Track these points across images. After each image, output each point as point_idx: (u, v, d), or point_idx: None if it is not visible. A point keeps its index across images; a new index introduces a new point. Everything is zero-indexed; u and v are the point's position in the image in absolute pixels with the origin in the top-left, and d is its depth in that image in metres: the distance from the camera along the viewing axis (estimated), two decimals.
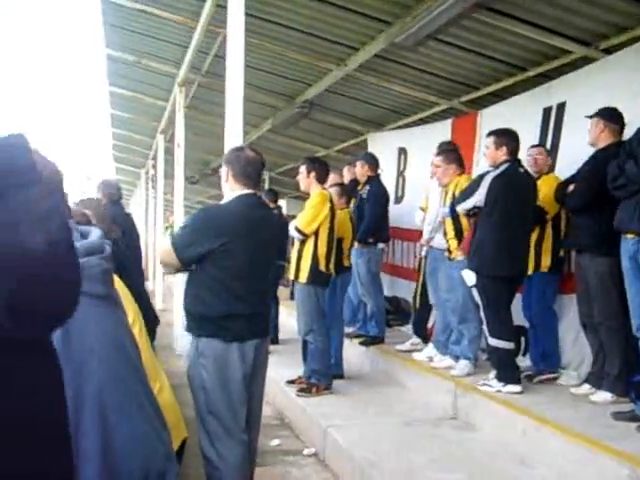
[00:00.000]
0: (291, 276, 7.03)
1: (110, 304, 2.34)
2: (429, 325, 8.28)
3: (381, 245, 8.53)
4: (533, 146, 6.98)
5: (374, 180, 8.51)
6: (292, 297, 12.73)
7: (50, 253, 1.02)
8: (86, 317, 2.12)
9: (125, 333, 2.40)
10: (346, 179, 9.25)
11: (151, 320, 5.14)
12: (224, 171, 4.26)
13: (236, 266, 4.04)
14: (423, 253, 7.88)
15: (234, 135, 5.62)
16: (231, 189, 4.22)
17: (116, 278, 2.67)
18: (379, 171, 8.69)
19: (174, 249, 4.06)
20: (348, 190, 8.53)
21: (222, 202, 4.31)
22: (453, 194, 6.80)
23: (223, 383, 4.04)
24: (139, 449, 2.18)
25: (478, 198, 6.09)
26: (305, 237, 6.80)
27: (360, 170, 8.56)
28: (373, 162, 8.62)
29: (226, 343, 4.04)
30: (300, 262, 6.87)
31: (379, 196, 8.47)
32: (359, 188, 8.65)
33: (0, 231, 0.96)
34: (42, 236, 1.01)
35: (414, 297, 8.37)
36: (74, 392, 1.87)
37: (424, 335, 8.18)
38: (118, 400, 2.19)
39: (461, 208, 6.32)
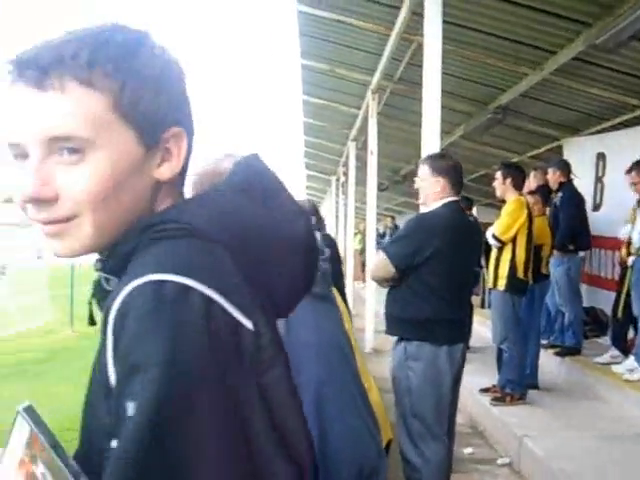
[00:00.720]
0: (489, 284, 6.98)
1: (328, 303, 2.43)
2: (629, 337, 7.96)
3: (581, 253, 8.30)
4: None
5: (567, 186, 8.28)
6: (483, 305, 12.66)
7: (311, 241, 1.19)
8: (306, 315, 2.23)
9: (341, 332, 2.49)
10: (532, 185, 9.04)
11: None
12: (433, 180, 4.28)
13: (446, 272, 4.10)
14: (629, 262, 7.57)
15: (431, 142, 5.63)
16: (440, 197, 4.27)
17: None
18: (572, 176, 8.45)
19: (391, 261, 4.14)
20: (545, 196, 8.36)
21: (428, 209, 4.34)
22: None
23: (431, 386, 4.08)
24: (353, 444, 2.25)
25: None
26: (502, 244, 6.72)
27: (552, 177, 8.36)
28: (565, 168, 8.39)
29: (436, 347, 4.09)
30: (498, 269, 6.78)
31: (573, 202, 8.24)
32: (552, 195, 8.47)
33: (274, 225, 1.12)
34: (304, 227, 1.18)
35: (614, 308, 8.04)
36: None
37: (624, 347, 7.86)
38: (334, 395, 2.27)
39: None
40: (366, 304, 12.46)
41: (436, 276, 4.09)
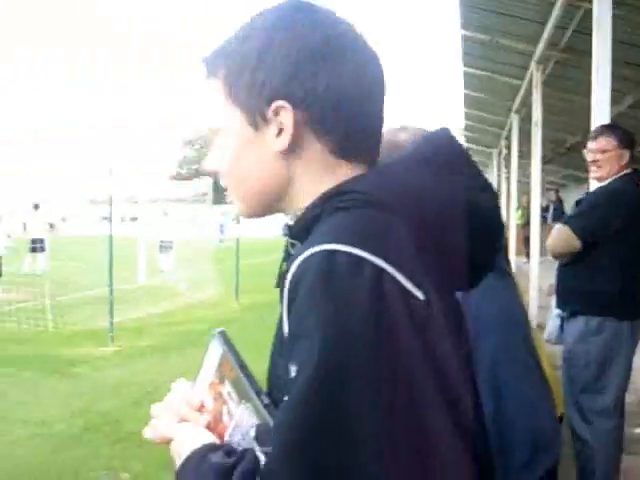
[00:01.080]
0: None
1: (506, 276, 2.43)
2: None
3: None
4: None
5: None
6: None
7: (496, 215, 1.21)
8: (485, 288, 2.23)
9: (519, 305, 2.48)
10: None
11: None
12: (620, 153, 4.17)
13: (632, 245, 4.04)
14: None
15: (601, 113, 5.46)
16: (622, 170, 4.17)
17: None
18: None
19: (576, 234, 4.08)
20: None
21: (605, 183, 4.23)
22: None
23: (612, 362, 4.02)
24: (529, 414, 2.23)
25: None
26: None
27: None
28: None
29: (619, 322, 4.02)
30: None
31: None
32: None
33: (457, 199, 1.13)
34: (490, 201, 1.19)
35: None
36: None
37: None
38: (510, 366, 2.26)
39: None
40: (530, 279, 12.23)
41: (623, 250, 4.02)
